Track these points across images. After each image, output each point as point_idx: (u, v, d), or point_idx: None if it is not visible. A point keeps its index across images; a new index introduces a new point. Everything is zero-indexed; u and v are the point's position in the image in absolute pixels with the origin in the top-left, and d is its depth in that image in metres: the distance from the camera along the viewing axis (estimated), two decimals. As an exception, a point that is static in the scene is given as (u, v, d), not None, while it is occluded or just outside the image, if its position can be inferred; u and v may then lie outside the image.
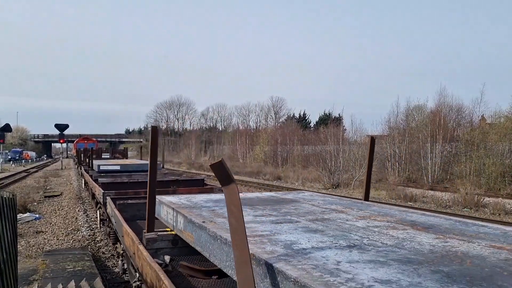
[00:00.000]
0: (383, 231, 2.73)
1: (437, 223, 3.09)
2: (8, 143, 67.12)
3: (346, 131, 35.86)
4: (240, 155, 56.61)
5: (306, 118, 74.14)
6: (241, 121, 79.33)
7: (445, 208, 16.30)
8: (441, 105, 31.32)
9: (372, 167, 4.96)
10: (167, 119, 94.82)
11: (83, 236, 10.11)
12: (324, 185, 25.46)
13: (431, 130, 29.21)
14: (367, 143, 32.14)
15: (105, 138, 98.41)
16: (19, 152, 67.71)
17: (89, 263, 7.14)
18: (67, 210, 14.20)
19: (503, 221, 13.00)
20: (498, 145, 24.98)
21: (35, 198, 16.94)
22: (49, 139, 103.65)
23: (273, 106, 76.21)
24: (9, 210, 3.91)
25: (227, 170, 1.91)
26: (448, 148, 29.06)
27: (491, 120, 29.54)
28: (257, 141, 53.67)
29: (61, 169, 41.61)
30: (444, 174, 28.05)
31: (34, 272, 6.71)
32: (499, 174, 23.13)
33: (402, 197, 19.19)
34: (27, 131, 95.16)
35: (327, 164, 26.76)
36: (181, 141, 79.23)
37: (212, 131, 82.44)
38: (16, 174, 33.14)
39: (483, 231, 2.74)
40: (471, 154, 25.92)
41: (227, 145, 64.46)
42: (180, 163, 56.20)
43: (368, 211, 3.69)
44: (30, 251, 8.60)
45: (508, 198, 19.19)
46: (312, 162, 32.18)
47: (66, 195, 18.76)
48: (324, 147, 30.89)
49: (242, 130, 65.26)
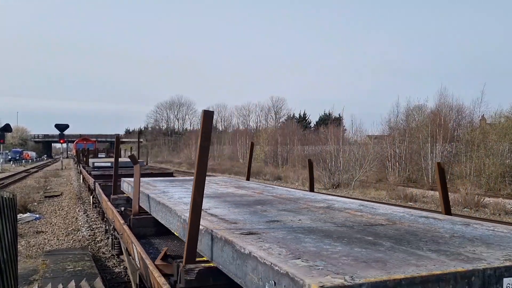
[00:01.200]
0: (236, 192, 5.29)
1: (291, 194, 5.21)
2: (8, 143, 67.16)
3: (346, 131, 35.89)
4: (240, 155, 56.60)
5: (306, 118, 74.14)
6: (241, 121, 79.42)
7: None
8: (441, 105, 31.35)
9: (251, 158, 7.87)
10: (167, 119, 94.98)
11: (83, 236, 10.11)
12: (324, 185, 25.44)
13: (431, 130, 29.20)
14: (367, 143, 32.20)
15: (105, 138, 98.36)
16: (19, 152, 67.73)
17: (89, 263, 7.14)
18: (67, 210, 14.21)
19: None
20: (498, 145, 24.98)
21: (35, 198, 16.94)
22: (49, 139, 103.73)
23: (273, 106, 76.25)
24: (9, 210, 3.91)
25: (135, 158, 5.20)
26: (448, 148, 29.06)
27: (492, 120, 29.53)
28: (257, 141, 53.69)
29: (61, 169, 41.62)
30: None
31: (34, 272, 6.71)
32: (499, 174, 23.13)
33: (402, 197, 19.18)
34: (27, 131, 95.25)
35: (327, 164, 26.75)
36: (181, 141, 79.27)
37: (212, 131, 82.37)
38: (16, 174, 33.14)
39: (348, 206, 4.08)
40: (471, 154, 25.92)
41: (227, 145, 64.46)
42: (180, 163, 56.23)
43: (247, 187, 6.15)
44: (30, 251, 8.60)
45: (508, 198, 19.19)
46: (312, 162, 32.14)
47: (66, 195, 18.77)
48: (324, 147, 30.89)
49: (242, 130, 65.29)
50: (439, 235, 2.58)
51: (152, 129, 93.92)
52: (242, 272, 2.13)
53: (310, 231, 2.68)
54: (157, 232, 4.81)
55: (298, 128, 54.38)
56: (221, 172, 35.47)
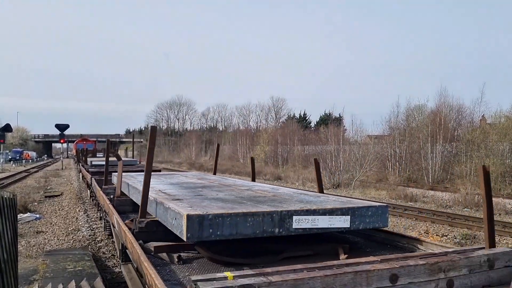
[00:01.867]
0: (194, 182, 6.87)
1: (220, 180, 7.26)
2: (8, 143, 67.16)
3: (347, 131, 35.83)
4: (240, 155, 56.58)
5: (306, 118, 74.12)
6: (242, 121, 79.42)
7: (445, 208, 16.29)
8: (442, 105, 31.32)
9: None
10: (168, 119, 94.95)
11: (83, 236, 10.12)
12: (325, 185, 25.39)
13: (432, 130, 29.18)
14: (367, 143, 32.17)
15: (106, 138, 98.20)
16: (19, 152, 67.67)
17: (90, 263, 7.14)
18: (68, 210, 14.22)
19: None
20: (498, 145, 24.97)
21: (35, 198, 16.95)
22: (49, 139, 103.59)
23: (274, 106, 76.28)
24: (9, 210, 3.92)
25: (119, 156, 7.80)
26: (448, 148, 29.04)
27: (492, 120, 29.52)
28: (258, 141, 53.65)
29: (62, 169, 41.63)
30: (444, 174, 28.03)
31: (34, 272, 6.71)
32: (500, 174, 23.12)
33: (402, 197, 19.17)
34: (27, 131, 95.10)
35: (328, 164, 26.73)
36: (182, 141, 79.25)
37: (212, 131, 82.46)
38: (17, 174, 33.14)
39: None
40: (472, 154, 25.90)
41: (228, 145, 64.44)
42: (180, 163, 56.24)
43: (207, 178, 7.80)
44: (31, 251, 8.60)
45: (508, 198, 19.19)
46: (313, 162, 32.10)
47: (66, 195, 18.77)
48: (324, 147, 30.87)
49: (243, 130, 65.28)
50: (288, 199, 4.26)
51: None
52: (165, 217, 3.81)
53: (217, 199, 4.31)
54: (133, 210, 6.05)
55: (298, 128, 54.34)
56: (221, 172, 35.45)
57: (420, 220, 13.75)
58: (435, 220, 13.48)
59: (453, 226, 12.67)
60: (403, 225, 12.97)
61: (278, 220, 3.39)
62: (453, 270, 2.66)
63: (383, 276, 2.46)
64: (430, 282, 2.56)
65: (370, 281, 2.42)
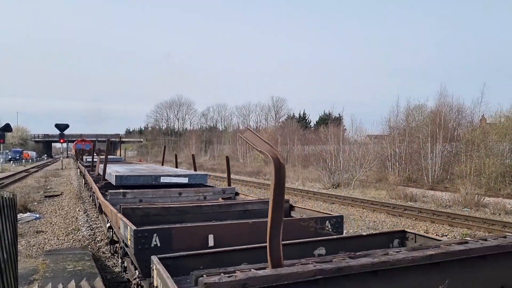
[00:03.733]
0: (143, 168, 11.50)
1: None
2: (8, 143, 67.13)
3: (346, 131, 35.81)
4: (240, 155, 56.59)
5: (306, 118, 74.15)
6: (242, 121, 79.41)
7: (445, 208, 16.29)
8: (442, 105, 31.26)
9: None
10: (167, 119, 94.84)
11: (83, 235, 10.12)
12: (324, 185, 25.41)
13: (432, 130, 29.16)
14: (367, 143, 32.16)
15: (105, 138, 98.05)
16: (19, 152, 67.64)
17: (90, 263, 7.14)
18: (67, 210, 14.21)
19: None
20: (498, 145, 24.95)
21: (35, 198, 16.95)
22: (49, 139, 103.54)
23: (274, 106, 76.32)
24: (9, 209, 3.91)
25: (100, 152, 16.21)
26: (448, 148, 29.02)
27: (492, 120, 29.49)
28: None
29: (61, 169, 41.63)
30: (444, 174, 28.01)
31: (34, 271, 6.70)
32: (500, 174, 23.11)
33: (402, 197, 19.16)
34: (27, 131, 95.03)
35: (327, 164, 26.72)
36: (181, 141, 79.22)
37: (212, 131, 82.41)
38: (17, 174, 33.14)
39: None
40: (472, 154, 25.88)
41: (227, 145, 64.43)
42: (180, 163, 56.15)
43: (154, 167, 12.52)
44: (31, 250, 8.60)
45: (508, 198, 19.18)
46: (312, 162, 32.12)
47: (66, 195, 18.77)
48: (324, 147, 30.86)
49: (243, 130, 65.23)
50: (169, 172, 9.37)
51: (152, 129, 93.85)
52: (111, 178, 8.32)
53: (139, 172, 8.83)
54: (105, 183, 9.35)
55: (298, 128, 54.33)
56: (221, 172, 35.45)
57: (420, 220, 13.75)
58: (435, 220, 13.48)
59: (453, 226, 12.67)
60: (403, 225, 12.97)
61: (155, 178, 7.94)
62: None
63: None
64: None
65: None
